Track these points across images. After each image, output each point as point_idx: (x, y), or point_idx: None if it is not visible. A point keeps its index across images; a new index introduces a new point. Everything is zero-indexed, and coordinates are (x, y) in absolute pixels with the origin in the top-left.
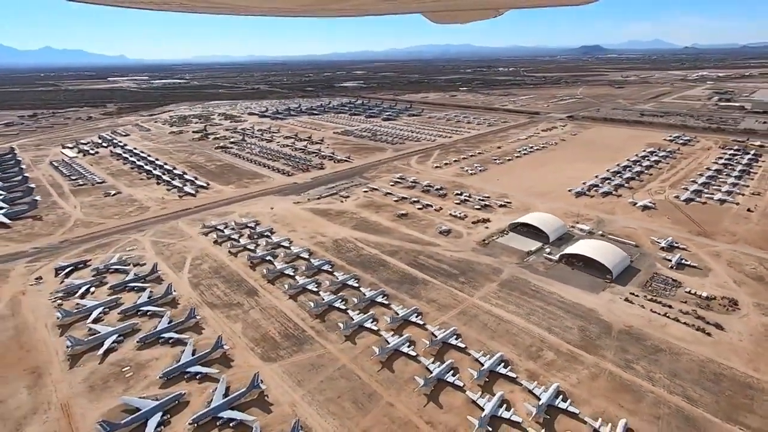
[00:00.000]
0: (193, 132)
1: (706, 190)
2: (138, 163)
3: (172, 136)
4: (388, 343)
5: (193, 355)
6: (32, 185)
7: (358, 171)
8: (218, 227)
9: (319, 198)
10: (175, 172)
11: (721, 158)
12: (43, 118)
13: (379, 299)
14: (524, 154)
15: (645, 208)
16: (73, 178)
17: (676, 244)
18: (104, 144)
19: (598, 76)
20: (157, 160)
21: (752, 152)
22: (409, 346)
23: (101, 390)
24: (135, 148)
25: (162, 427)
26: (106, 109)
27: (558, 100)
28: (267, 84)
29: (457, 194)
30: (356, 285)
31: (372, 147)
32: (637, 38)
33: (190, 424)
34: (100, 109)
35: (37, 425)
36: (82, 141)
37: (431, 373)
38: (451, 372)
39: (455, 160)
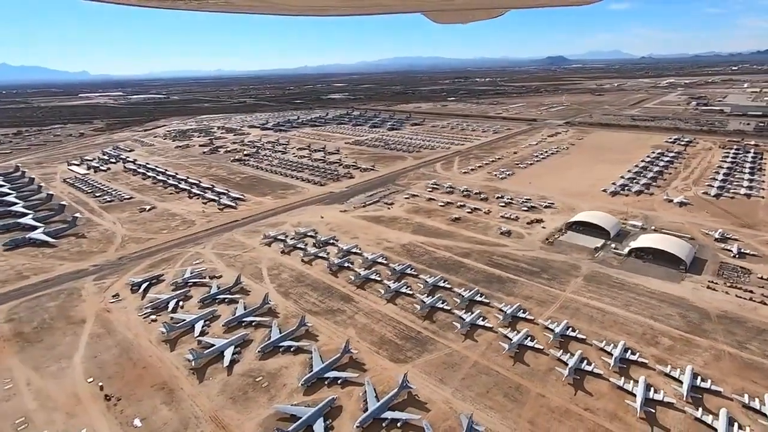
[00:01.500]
0: (200, 146)
1: (729, 186)
2: (159, 177)
3: (179, 150)
4: (511, 339)
5: (323, 361)
6: (63, 202)
7: (388, 179)
8: (278, 237)
9: (363, 206)
10: (203, 185)
11: (726, 157)
12: (30, 136)
13: (478, 298)
14: (542, 158)
15: (681, 204)
16: (98, 194)
17: (727, 236)
18: (112, 160)
19: (574, 85)
20: (177, 174)
21: (752, 150)
22: (531, 340)
23: (244, 401)
24: (147, 163)
25: (332, 431)
26: (94, 126)
27: (548, 108)
28: (251, 98)
29: (499, 197)
30: (448, 286)
31: (390, 156)
32: (597, 48)
33: (357, 427)
34: (87, 126)
35: None
36: (87, 157)
37: (567, 364)
38: (585, 362)
39: (479, 166)
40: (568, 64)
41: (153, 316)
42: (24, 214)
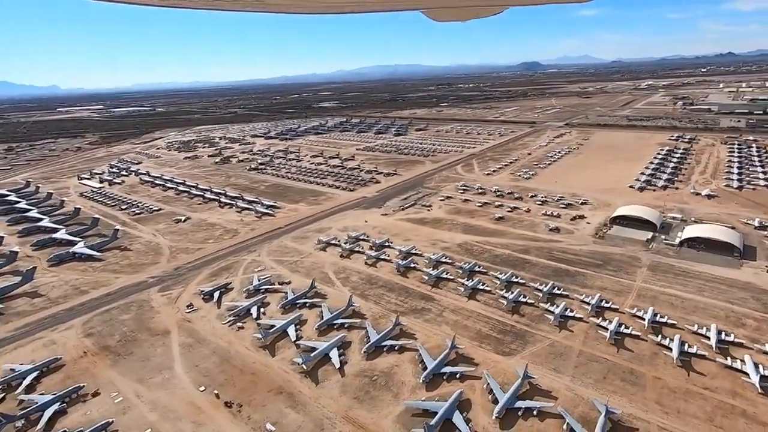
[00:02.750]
0: (209, 156)
1: (747, 178)
2: (181, 188)
3: (189, 161)
4: (607, 328)
5: (434, 358)
6: (96, 216)
7: (415, 183)
8: (332, 242)
9: (402, 209)
10: (230, 194)
11: (732, 152)
12: (23, 152)
13: (556, 291)
14: (557, 158)
15: (709, 196)
16: (123, 207)
17: (765, 224)
18: (123, 172)
19: (558, 89)
20: (197, 184)
21: (754, 146)
22: (626, 328)
23: (370, 400)
24: (162, 175)
25: (470, 423)
26: (87, 139)
27: (542, 111)
28: (240, 108)
29: (533, 197)
30: (522, 281)
31: (407, 160)
32: (567, 54)
33: (496, 417)
34: (79, 140)
35: None
36: (96, 171)
37: (671, 349)
38: (685, 345)
39: (499, 168)
40: (544, 69)
41: (239, 324)
42: (54, 229)
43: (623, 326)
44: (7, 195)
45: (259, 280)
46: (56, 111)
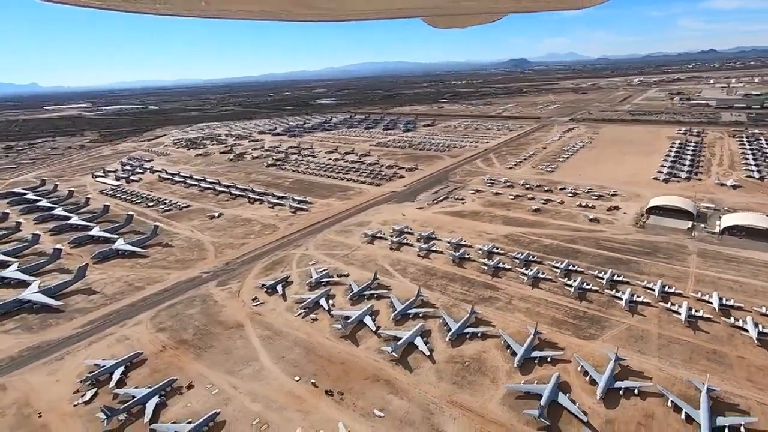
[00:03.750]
0: (220, 153)
1: (765, 169)
2: (203, 185)
3: (201, 158)
4: (678, 312)
5: (520, 344)
6: (131, 213)
7: (440, 177)
8: (377, 235)
9: (435, 202)
10: (257, 190)
11: (743, 145)
12: (23, 150)
13: (616, 278)
14: (574, 152)
15: (734, 187)
16: (151, 204)
17: None
18: (138, 170)
19: (551, 85)
20: (219, 181)
21: (762, 138)
22: (696, 311)
23: (469, 384)
24: (179, 172)
25: (576, 403)
26: (86, 138)
27: (544, 106)
28: (237, 106)
29: (562, 189)
30: (580, 269)
31: (425, 155)
32: (554, 51)
33: (600, 397)
34: (79, 138)
35: (451, 423)
36: (109, 169)
37: (747, 330)
38: (760, 326)
39: (519, 162)
40: (532, 67)
41: (311, 316)
42: (85, 227)
43: (692, 310)
44: (25, 193)
45: (317, 273)
46: (42, 109)
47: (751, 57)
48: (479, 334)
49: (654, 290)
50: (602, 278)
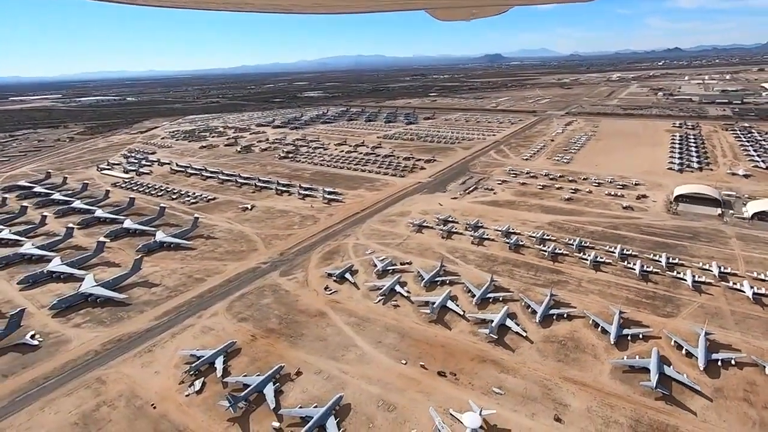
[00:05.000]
0: (225, 145)
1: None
2: (222, 177)
3: (207, 150)
4: (742, 290)
5: (610, 323)
6: (163, 205)
7: (461, 168)
8: (424, 224)
9: (467, 192)
10: (282, 182)
11: (738, 137)
12: (6, 142)
13: (672, 261)
14: (582, 144)
15: (745, 176)
16: (174, 197)
17: None
18: (146, 162)
19: (533, 80)
20: (240, 173)
21: (754, 131)
22: (758, 289)
23: (573, 361)
24: (191, 164)
25: (683, 374)
26: (71, 129)
27: (535, 101)
28: (220, 98)
29: (585, 179)
30: (634, 254)
31: (437, 147)
32: (527, 47)
33: (703, 369)
34: (63, 130)
35: (572, 397)
36: (113, 161)
37: None
38: None
39: (533, 153)
40: (507, 62)
41: (392, 302)
42: (113, 220)
43: (754, 288)
44: (31, 186)
45: (381, 262)
46: (9, 100)
47: (712, 55)
48: (565, 315)
49: (711, 271)
50: (659, 261)
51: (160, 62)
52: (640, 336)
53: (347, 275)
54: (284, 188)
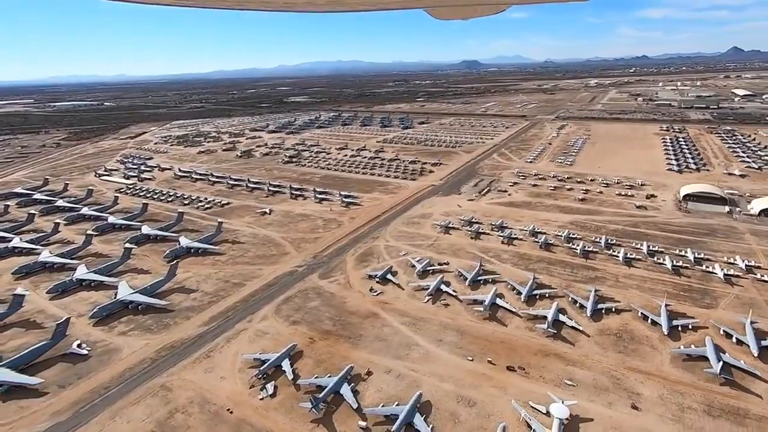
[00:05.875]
0: (223, 150)
1: (760, 160)
2: (230, 182)
3: (206, 155)
4: None
5: (657, 315)
6: (181, 211)
7: (469, 171)
8: (450, 225)
9: (482, 194)
10: (294, 186)
11: (724, 140)
12: None
13: (698, 256)
14: (580, 146)
15: (742, 176)
16: (186, 202)
17: None
18: (145, 168)
19: (515, 86)
20: (249, 178)
21: (737, 134)
22: None
23: (632, 352)
24: (195, 170)
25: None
26: (53, 135)
27: (522, 105)
28: (204, 102)
29: (592, 180)
30: (661, 250)
31: (439, 151)
32: (502, 53)
33: (756, 355)
34: (44, 136)
35: (641, 386)
36: (110, 167)
37: None
38: None
39: (535, 156)
40: (485, 68)
41: (441, 301)
42: (128, 226)
43: None
44: (29, 193)
45: (419, 263)
46: None
47: (678, 63)
48: (613, 309)
49: (737, 264)
50: (686, 256)
51: (132, 66)
52: (689, 326)
53: (388, 276)
54: (298, 192)
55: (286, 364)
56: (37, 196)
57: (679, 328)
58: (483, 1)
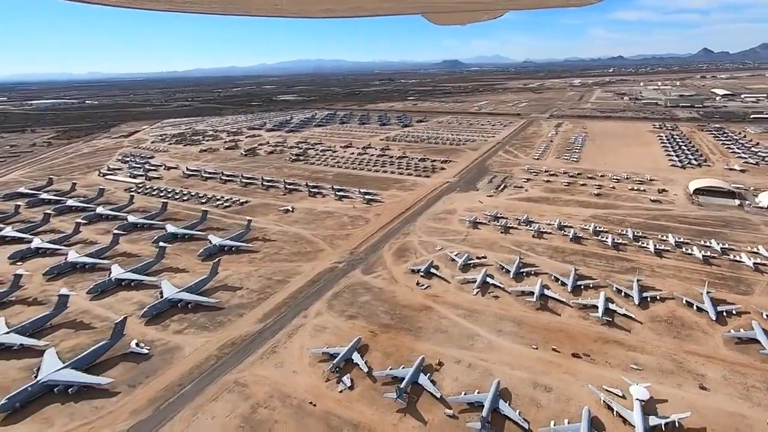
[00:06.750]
0: (226, 149)
1: (757, 156)
2: (243, 181)
3: (210, 154)
4: None
5: (701, 302)
6: (205, 209)
7: (480, 168)
8: (477, 221)
9: (500, 190)
10: (311, 184)
11: (717, 137)
12: None
13: (724, 246)
14: (581, 144)
15: (742, 171)
16: (203, 201)
17: None
18: (150, 167)
19: (501, 85)
20: (263, 176)
21: (728, 131)
22: None
23: (687, 336)
24: (203, 168)
25: None
26: (41, 134)
27: (514, 104)
28: (195, 101)
29: (602, 176)
30: (687, 241)
31: (446, 149)
32: (482, 53)
33: None
34: (30, 135)
35: (703, 368)
36: (112, 166)
37: None
38: None
39: (541, 153)
40: (467, 68)
41: (489, 294)
42: (150, 225)
43: None
44: (35, 193)
45: (459, 257)
46: None
47: (653, 63)
48: (657, 297)
49: (760, 253)
50: (711, 246)
51: (105, 64)
52: (734, 312)
53: (432, 270)
54: (316, 190)
55: (357, 357)
56: (45, 195)
57: (724, 314)
58: (481, 7)
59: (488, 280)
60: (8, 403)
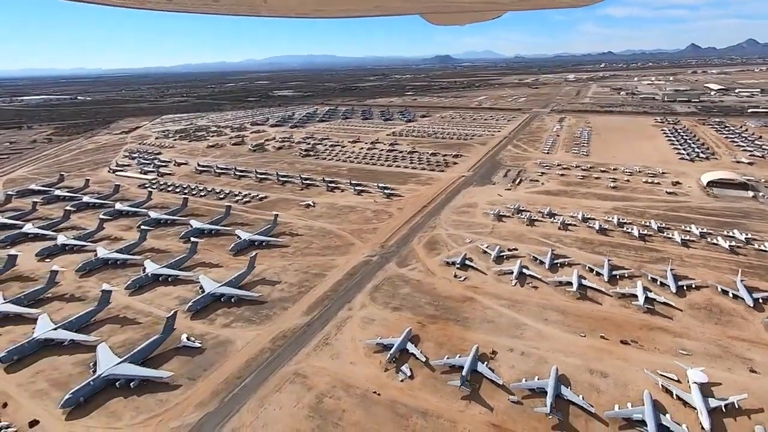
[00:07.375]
0: (232, 144)
1: (762, 149)
2: (258, 176)
3: (217, 150)
4: None
5: (735, 290)
6: (229, 204)
7: (493, 162)
8: (500, 213)
9: (517, 184)
10: (328, 179)
11: (719, 131)
12: None
13: (747, 237)
14: (588, 138)
15: (749, 163)
16: (221, 197)
17: None
18: (158, 163)
19: (496, 81)
20: (277, 171)
21: (728, 126)
22: None
23: (728, 323)
24: (216, 164)
25: None
26: (39, 131)
27: (513, 99)
28: (190, 97)
29: (614, 169)
30: (711, 232)
31: (454, 144)
32: (473, 49)
33: None
34: (27, 131)
35: (749, 352)
36: (121, 163)
37: None
38: None
39: (550, 147)
40: (458, 63)
41: (528, 284)
42: (173, 221)
43: None
44: (47, 190)
45: (491, 249)
46: None
47: (642, 59)
48: (693, 285)
49: None
50: (735, 236)
51: (92, 60)
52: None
53: (467, 262)
54: (333, 185)
55: (412, 348)
56: (58, 192)
57: (760, 300)
58: (482, 7)
59: (524, 271)
60: (73, 397)
